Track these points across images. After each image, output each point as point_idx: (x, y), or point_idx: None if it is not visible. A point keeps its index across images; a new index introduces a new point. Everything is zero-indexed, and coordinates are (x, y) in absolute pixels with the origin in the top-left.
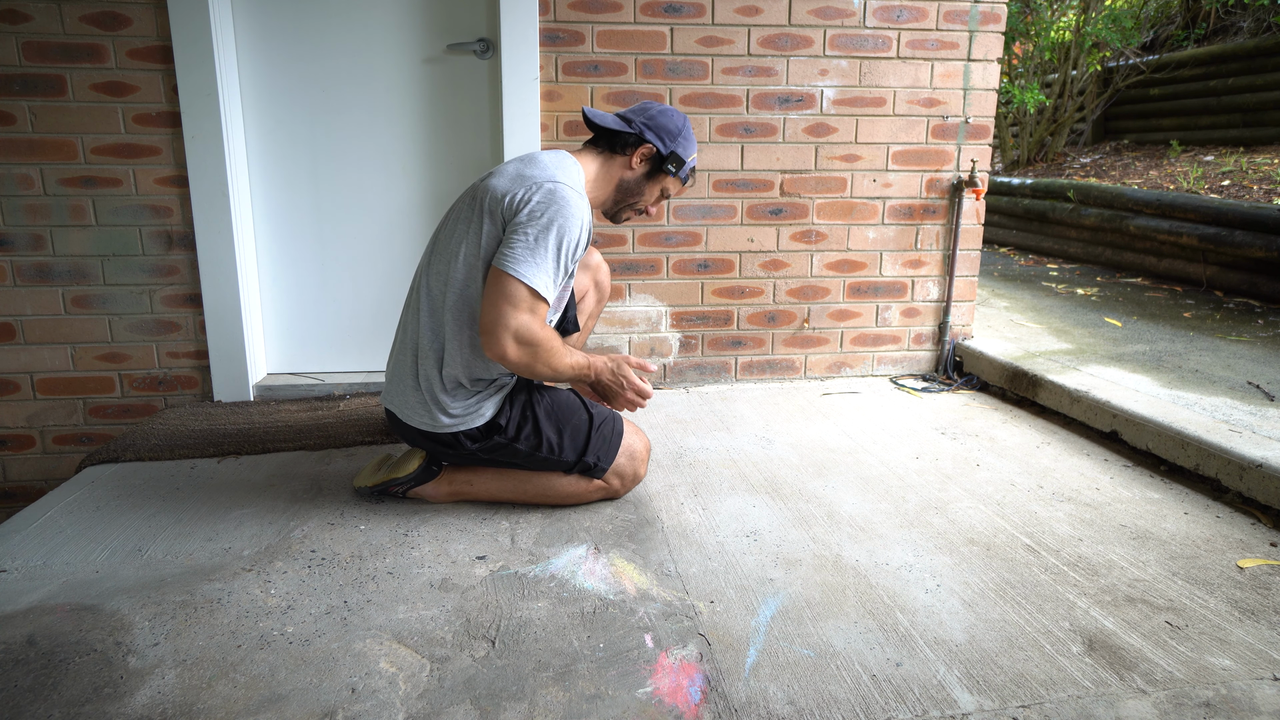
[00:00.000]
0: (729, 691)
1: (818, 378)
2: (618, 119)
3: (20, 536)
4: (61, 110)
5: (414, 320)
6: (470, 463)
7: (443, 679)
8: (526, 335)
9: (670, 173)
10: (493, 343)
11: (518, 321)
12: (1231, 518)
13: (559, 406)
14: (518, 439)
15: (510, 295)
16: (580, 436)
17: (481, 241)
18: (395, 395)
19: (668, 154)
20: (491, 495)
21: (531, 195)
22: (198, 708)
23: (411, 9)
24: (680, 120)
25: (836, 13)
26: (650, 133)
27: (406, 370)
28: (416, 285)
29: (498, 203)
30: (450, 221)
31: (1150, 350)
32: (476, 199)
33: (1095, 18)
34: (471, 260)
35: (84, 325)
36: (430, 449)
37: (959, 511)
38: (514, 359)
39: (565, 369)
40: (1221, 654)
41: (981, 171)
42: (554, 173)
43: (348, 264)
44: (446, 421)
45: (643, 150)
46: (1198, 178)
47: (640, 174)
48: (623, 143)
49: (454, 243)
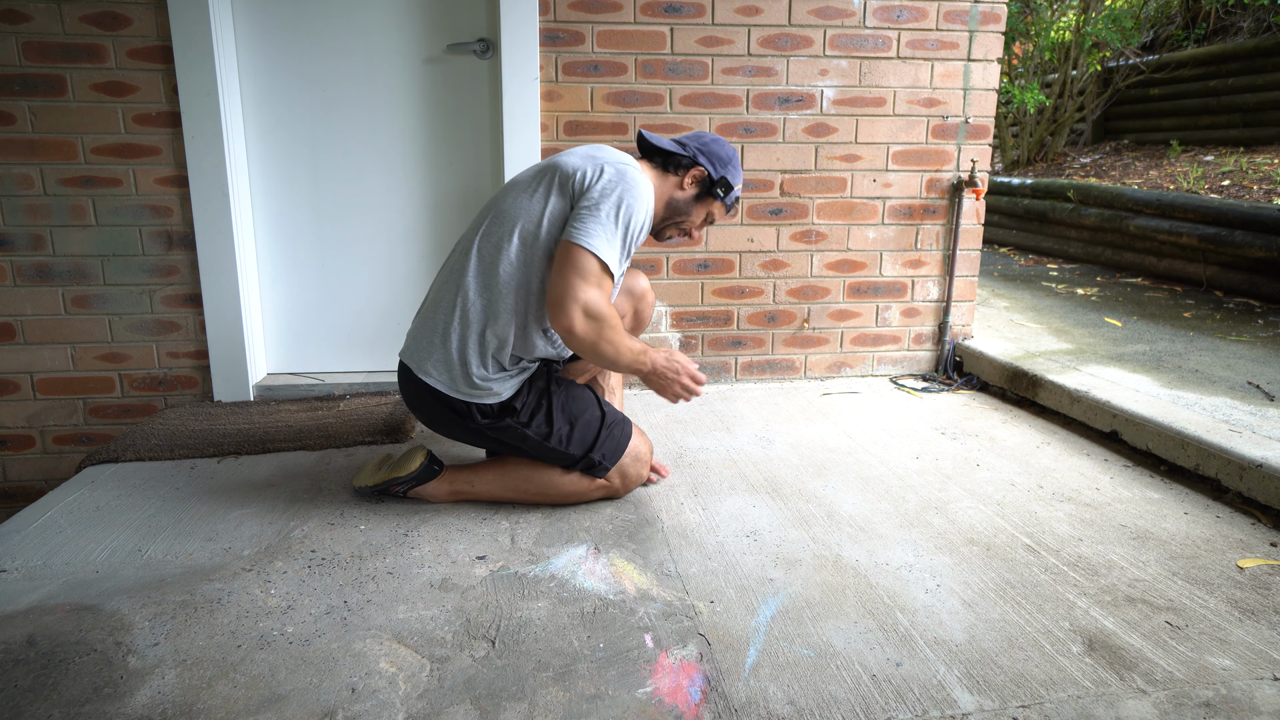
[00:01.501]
0: (729, 691)
1: (818, 378)
2: (674, 141)
3: (20, 536)
4: (61, 110)
5: (457, 283)
6: (472, 439)
7: (443, 679)
8: (595, 309)
9: (718, 197)
10: (561, 315)
11: (587, 295)
12: (1231, 518)
13: (573, 400)
14: (529, 424)
15: (581, 267)
16: (590, 433)
17: (546, 213)
18: (418, 351)
19: (718, 179)
20: (492, 495)
21: (604, 173)
22: (198, 708)
23: (411, 9)
24: (730, 149)
25: (836, 13)
26: (703, 157)
27: (438, 328)
28: (464, 249)
29: (568, 178)
30: (513, 194)
31: (1150, 350)
32: (544, 174)
33: (1095, 18)
34: (532, 232)
35: (84, 325)
36: (435, 414)
37: (959, 511)
38: (580, 332)
39: (625, 351)
40: (1221, 654)
41: (981, 171)
42: (625, 159)
43: (348, 264)
44: (466, 389)
45: (695, 172)
46: (1198, 178)
47: (690, 195)
48: (676, 163)
49: (516, 213)
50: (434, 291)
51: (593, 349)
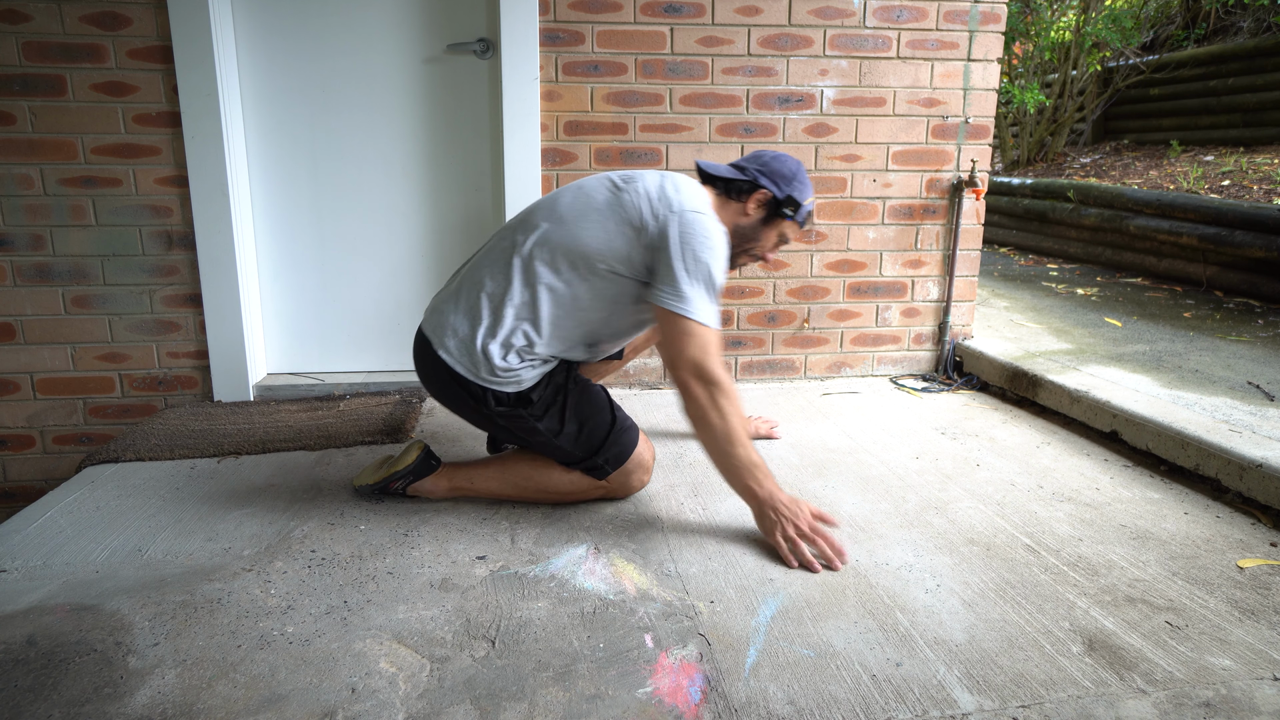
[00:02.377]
0: (729, 691)
1: (818, 378)
2: (731, 167)
3: (20, 536)
4: (61, 110)
5: (500, 268)
6: (481, 423)
7: (443, 679)
8: (710, 374)
9: (788, 217)
10: (678, 375)
11: (703, 362)
12: (1231, 518)
13: (587, 401)
14: (541, 419)
15: (689, 336)
16: (597, 436)
17: (618, 252)
18: (440, 326)
19: (784, 198)
20: (492, 492)
21: (681, 224)
22: (198, 708)
23: (411, 9)
24: (794, 164)
25: (836, 13)
26: (764, 178)
27: (465, 307)
28: (512, 246)
29: (639, 213)
30: (580, 200)
31: (1150, 350)
32: (618, 208)
33: (1095, 18)
34: (595, 253)
35: (84, 325)
36: (450, 392)
37: (959, 511)
38: (695, 394)
39: (738, 433)
40: (1221, 654)
41: (981, 171)
42: (696, 203)
43: (348, 264)
44: (485, 375)
45: (758, 196)
46: (1198, 178)
47: (756, 220)
48: (737, 189)
49: (584, 227)
50: (470, 268)
51: (703, 417)
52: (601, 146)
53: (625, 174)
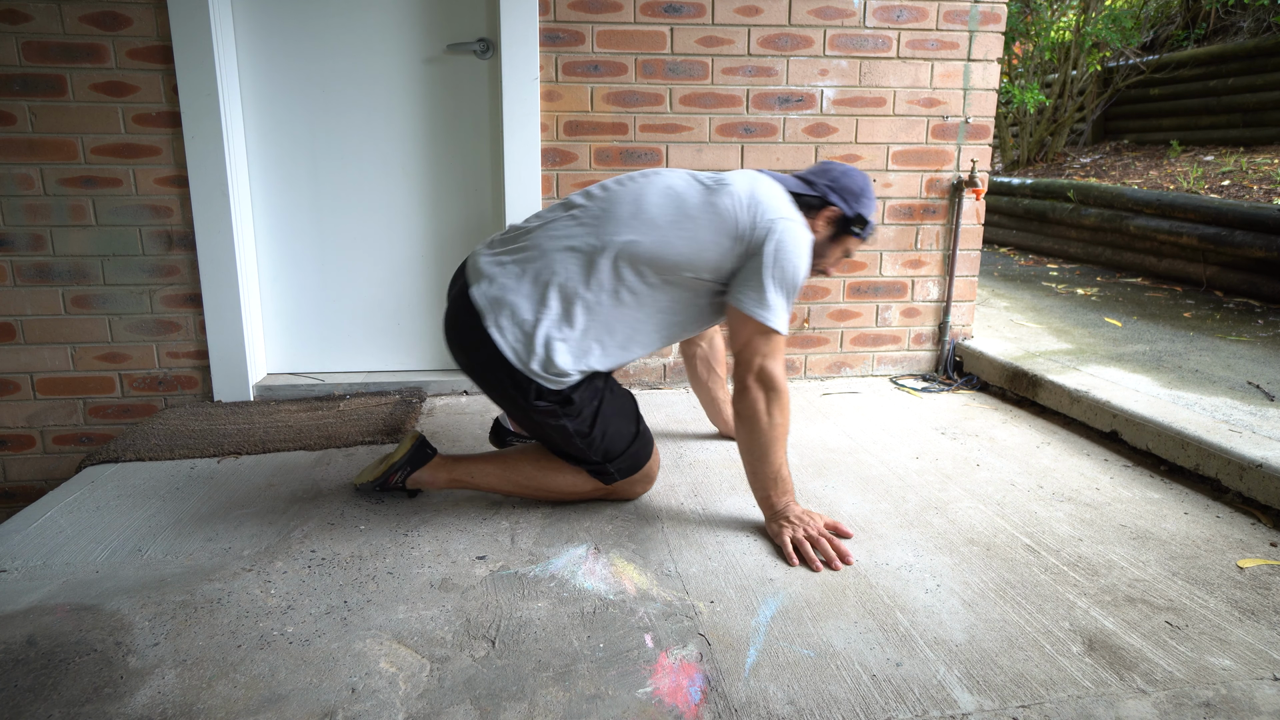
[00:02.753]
0: (729, 691)
1: (818, 378)
2: (800, 180)
3: (20, 536)
4: (61, 110)
5: (577, 264)
6: (512, 411)
7: (443, 679)
8: (772, 379)
9: (855, 234)
10: (741, 373)
11: (769, 365)
12: (1231, 518)
13: (618, 407)
14: (575, 419)
15: (762, 336)
16: (617, 445)
17: (713, 260)
18: (497, 302)
19: (853, 216)
20: (492, 487)
21: (774, 231)
22: (198, 708)
23: (411, 9)
24: (862, 180)
25: (836, 13)
26: (834, 195)
27: (530, 291)
28: (594, 229)
29: (735, 221)
30: (671, 203)
31: (1150, 350)
32: (716, 209)
33: (1095, 18)
34: (686, 262)
35: (84, 325)
36: (487, 374)
37: (959, 511)
38: (752, 396)
39: (780, 444)
40: (1221, 654)
41: (981, 171)
42: (789, 211)
43: (348, 264)
44: (535, 369)
45: (828, 213)
46: (1198, 178)
47: (825, 236)
48: (806, 205)
49: (677, 234)
50: (538, 253)
51: (753, 417)
52: (601, 146)
53: (713, 175)
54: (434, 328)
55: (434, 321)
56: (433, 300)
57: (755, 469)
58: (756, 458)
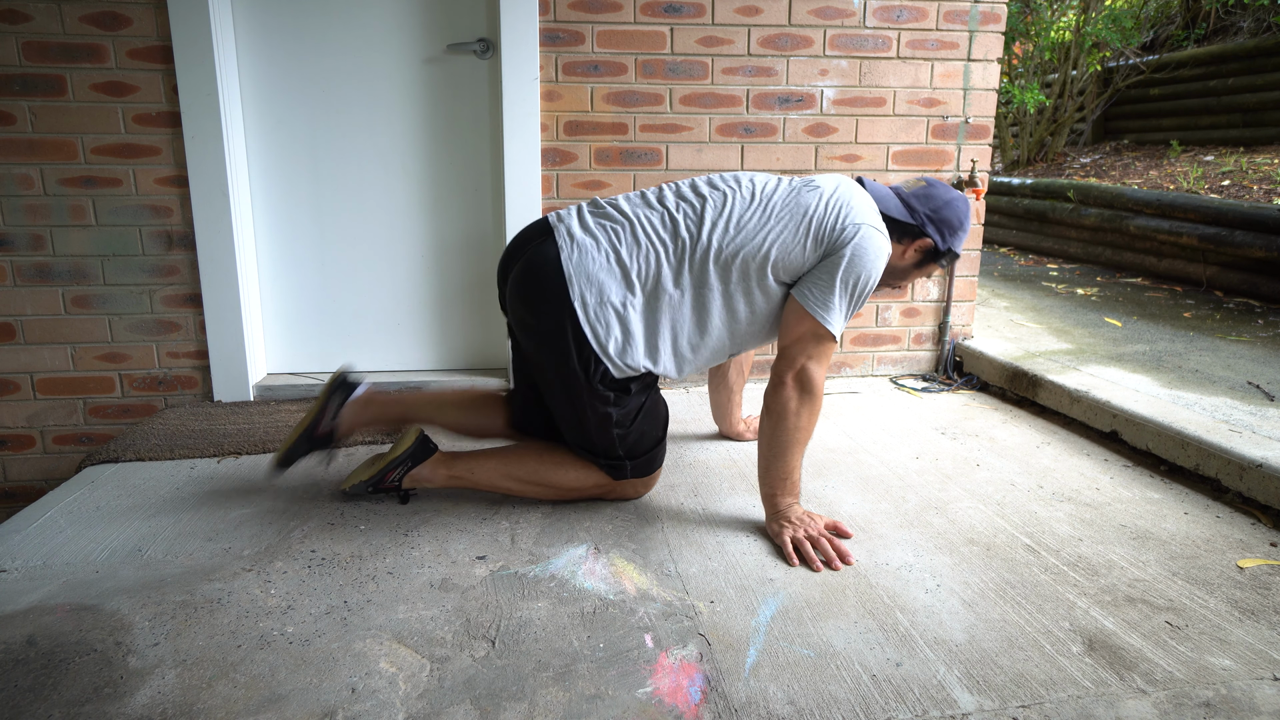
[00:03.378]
0: (729, 691)
1: None
2: (902, 206)
3: (20, 536)
4: (61, 110)
5: (660, 250)
6: (558, 393)
7: (443, 679)
8: (812, 381)
9: (941, 266)
10: (783, 367)
11: (812, 366)
12: (1231, 518)
13: (656, 409)
14: (622, 407)
15: (815, 336)
16: (644, 444)
17: (792, 253)
18: (582, 266)
19: (944, 250)
20: (492, 484)
21: (857, 235)
22: (198, 708)
23: (411, 9)
24: (964, 212)
25: (836, 13)
26: (932, 227)
27: (619, 272)
28: (674, 217)
29: (821, 225)
30: (760, 200)
31: (1150, 350)
32: (800, 204)
33: (1095, 18)
34: (772, 263)
35: (84, 325)
36: (553, 341)
37: (959, 511)
38: (788, 394)
39: (801, 444)
40: (1221, 654)
41: (981, 171)
42: (875, 218)
43: (348, 264)
44: (611, 352)
45: (921, 244)
46: (1198, 178)
47: (910, 264)
48: (901, 231)
49: (763, 232)
50: (632, 244)
51: (781, 414)
52: (601, 146)
53: (804, 178)
54: (434, 327)
55: (434, 321)
56: (433, 300)
57: (770, 465)
58: (774, 454)
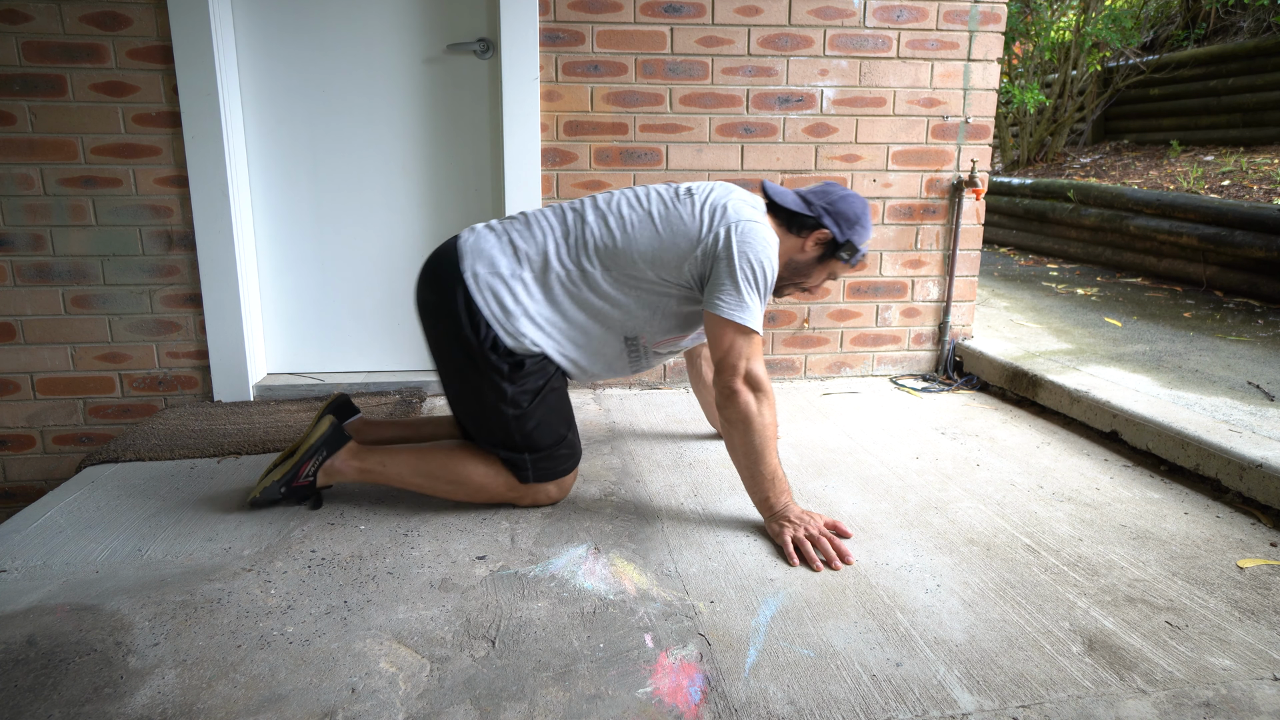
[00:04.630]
0: (729, 691)
1: (818, 378)
2: (799, 199)
3: (20, 536)
4: (61, 110)
5: (548, 238)
6: (461, 378)
7: (443, 679)
8: (758, 379)
9: (842, 260)
10: (727, 378)
11: (752, 365)
12: (1231, 518)
13: (558, 404)
14: (516, 385)
15: (741, 338)
16: (544, 439)
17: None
18: (475, 245)
19: (843, 242)
20: (402, 480)
21: (738, 234)
22: (198, 708)
23: (411, 9)
24: (860, 207)
25: (836, 13)
26: (829, 218)
27: (509, 250)
28: (563, 214)
29: (693, 223)
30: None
31: (1150, 350)
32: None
33: (1095, 18)
34: (644, 258)
35: (84, 325)
36: (447, 323)
37: (959, 511)
38: (743, 398)
39: (772, 444)
40: (1221, 654)
41: (981, 171)
42: (754, 214)
43: (348, 264)
44: (499, 316)
45: (819, 235)
46: (1198, 178)
47: (812, 257)
48: (800, 224)
49: (640, 231)
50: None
51: (746, 418)
52: (601, 146)
53: (686, 186)
54: None
55: None
56: None
57: (753, 471)
58: (754, 459)
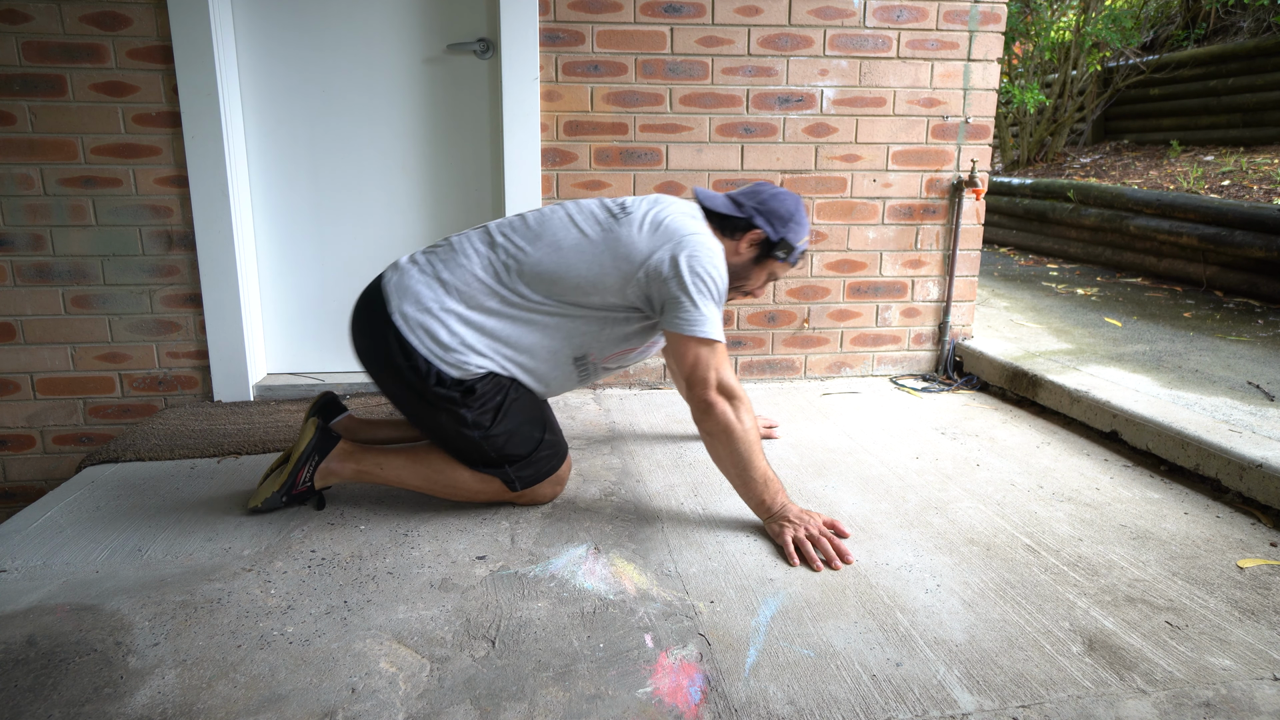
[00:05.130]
0: (729, 691)
1: (818, 378)
2: (728, 201)
3: (20, 536)
4: (61, 110)
5: (474, 263)
6: (420, 413)
7: (443, 679)
8: (729, 387)
9: (779, 259)
10: (700, 392)
11: (722, 375)
12: (1231, 518)
13: (524, 409)
14: (475, 409)
15: (704, 348)
16: (519, 448)
17: (606, 275)
18: (399, 283)
19: (778, 240)
20: (400, 481)
21: (684, 250)
22: (198, 708)
23: (411, 9)
24: (792, 204)
25: (836, 13)
26: (760, 218)
27: (434, 282)
28: (491, 235)
29: (634, 244)
30: (575, 226)
31: (1150, 350)
32: (617, 236)
33: (1095, 18)
34: (585, 279)
35: (84, 325)
36: (388, 366)
37: (959, 511)
38: (719, 409)
39: (757, 446)
40: (1221, 654)
41: (981, 171)
42: (694, 226)
43: (348, 264)
44: (434, 349)
45: (752, 235)
46: (1198, 178)
47: (748, 259)
48: (732, 226)
49: (577, 254)
50: (449, 260)
51: (728, 428)
52: (601, 146)
53: (619, 202)
54: None
55: None
56: None
57: (744, 477)
58: (743, 466)
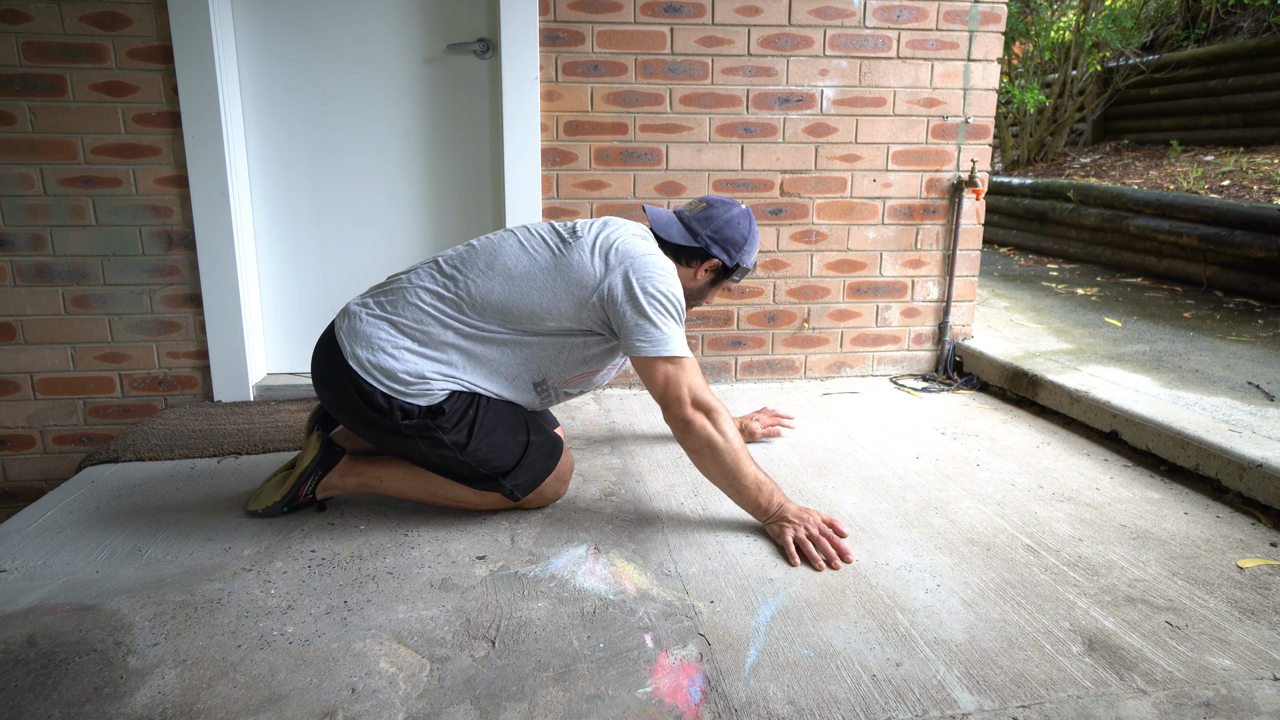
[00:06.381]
0: (729, 691)
1: (818, 378)
2: (683, 230)
3: (20, 536)
4: (61, 110)
5: (425, 299)
6: (401, 449)
7: (443, 679)
8: (703, 401)
9: (734, 280)
10: (675, 411)
11: (694, 392)
12: (1231, 518)
13: (498, 417)
14: (450, 430)
15: (674, 367)
16: (505, 458)
17: (559, 302)
18: (351, 328)
19: (733, 266)
20: (401, 493)
21: (635, 272)
22: (198, 708)
23: (411, 9)
24: (746, 228)
25: (836, 13)
26: (716, 247)
27: (386, 324)
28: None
29: (586, 270)
30: (525, 253)
31: (1150, 350)
32: (569, 262)
33: (1095, 18)
34: (540, 307)
35: (84, 325)
36: (353, 409)
37: (959, 511)
38: (698, 425)
39: (744, 452)
40: (1221, 654)
41: (981, 171)
42: (645, 248)
43: (348, 264)
44: (389, 383)
45: (709, 264)
46: (1198, 178)
47: (705, 283)
48: (689, 255)
49: (528, 283)
50: (399, 300)
51: (710, 442)
52: (601, 146)
53: (568, 226)
54: None
55: None
56: None
57: (735, 486)
58: (732, 475)
